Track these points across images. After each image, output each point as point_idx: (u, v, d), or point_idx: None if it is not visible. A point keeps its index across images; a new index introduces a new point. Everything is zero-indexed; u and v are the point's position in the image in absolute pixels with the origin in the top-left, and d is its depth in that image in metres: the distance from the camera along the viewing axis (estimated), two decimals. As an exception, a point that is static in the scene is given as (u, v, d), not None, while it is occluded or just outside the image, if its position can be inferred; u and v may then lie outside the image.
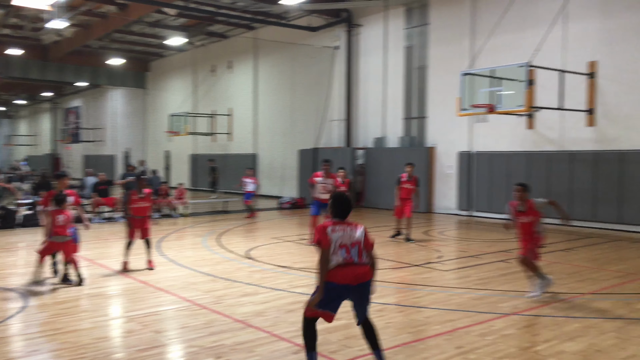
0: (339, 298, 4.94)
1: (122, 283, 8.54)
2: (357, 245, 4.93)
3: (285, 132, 25.83)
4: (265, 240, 12.93)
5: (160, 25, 25.85)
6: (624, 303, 7.34)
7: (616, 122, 14.74)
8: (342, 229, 4.97)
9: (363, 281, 4.90)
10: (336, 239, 4.90)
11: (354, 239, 4.95)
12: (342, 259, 4.84)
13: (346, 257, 4.85)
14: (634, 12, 14.33)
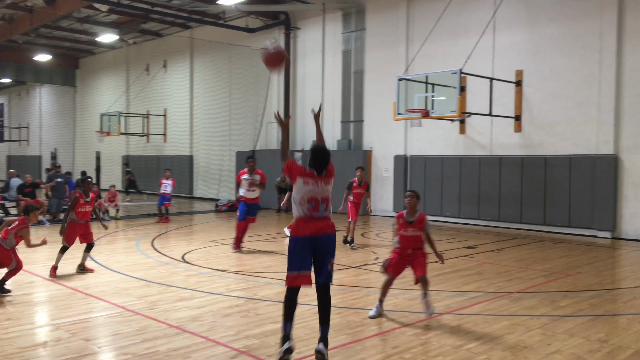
0: (305, 251, 5.04)
1: (49, 289, 8.15)
2: (326, 202, 5.13)
3: (223, 133, 25.52)
4: (202, 244, 12.71)
5: (91, 21, 24.92)
6: (549, 301, 7.71)
7: (541, 128, 15.49)
8: (315, 183, 5.11)
9: (324, 233, 5.06)
10: (306, 191, 5.06)
11: (325, 194, 5.11)
12: (308, 212, 5.02)
13: (312, 211, 5.07)
14: (556, 24, 15.12)
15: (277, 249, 12.07)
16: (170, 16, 23.10)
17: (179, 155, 27.85)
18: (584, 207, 14.59)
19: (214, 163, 26.07)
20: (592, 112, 14.50)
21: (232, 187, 24.36)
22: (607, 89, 14.15)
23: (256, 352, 5.53)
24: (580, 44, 14.67)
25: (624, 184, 14.06)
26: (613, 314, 7.15)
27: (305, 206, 5.07)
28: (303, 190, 5.10)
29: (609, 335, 6.17)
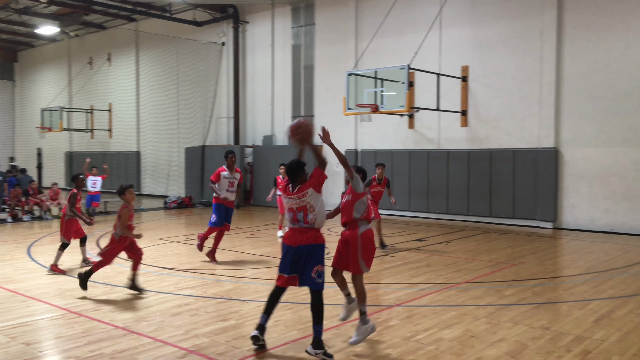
0: (285, 256, 5.40)
1: (-14, 293, 7.77)
2: (302, 210, 5.34)
3: (171, 129, 25.01)
4: (150, 242, 12.41)
5: (30, 13, 23.86)
6: (494, 290, 7.94)
7: (486, 122, 15.90)
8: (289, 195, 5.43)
9: (301, 244, 5.31)
10: (285, 202, 5.41)
11: (301, 204, 5.33)
12: (289, 222, 5.40)
13: (292, 221, 5.38)
14: (499, 22, 15.54)
15: (228, 246, 11.93)
16: (113, 8, 22.41)
17: (125, 152, 27.13)
18: (527, 199, 15.09)
19: (163, 159, 25.53)
20: (534, 107, 14.99)
21: (181, 184, 23.99)
22: (548, 85, 14.66)
23: (205, 351, 5.45)
24: (523, 41, 15.13)
25: (564, 176, 14.62)
26: (555, 302, 7.43)
27: (287, 215, 5.45)
28: (284, 200, 5.47)
29: (551, 322, 6.40)
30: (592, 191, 14.18)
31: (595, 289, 8.02)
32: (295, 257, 5.34)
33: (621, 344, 5.68)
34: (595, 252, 11.15)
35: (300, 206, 5.35)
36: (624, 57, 13.63)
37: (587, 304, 7.18)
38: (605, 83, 13.91)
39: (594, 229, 14.05)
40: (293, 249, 5.34)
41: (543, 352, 5.44)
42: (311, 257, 5.33)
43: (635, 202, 13.53)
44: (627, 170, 13.64)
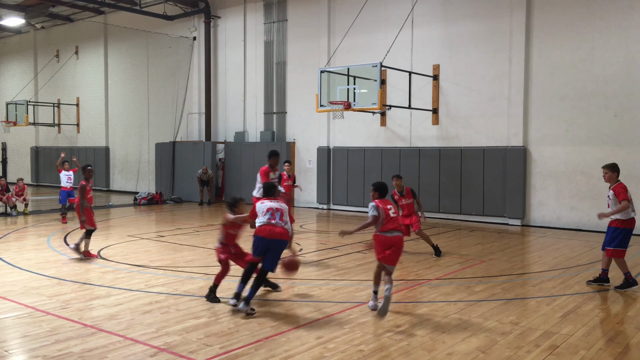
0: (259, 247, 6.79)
1: (-53, 292, 7.54)
2: (280, 211, 6.87)
3: (141, 124, 24.63)
4: (120, 239, 12.22)
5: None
6: (465, 287, 8.05)
7: (456, 121, 16.10)
8: (269, 201, 6.97)
9: (275, 238, 6.72)
10: (264, 208, 6.88)
11: (279, 207, 6.91)
12: (265, 220, 6.80)
13: (270, 218, 6.80)
14: (470, 21, 15.74)
15: (199, 242, 11.83)
16: (81, 0, 21.93)
17: (93, 147, 26.62)
18: (496, 196, 15.34)
19: (132, 155, 25.13)
20: (503, 106, 15.24)
21: (151, 180, 23.66)
22: (517, 84, 14.91)
23: (177, 349, 5.39)
24: (492, 41, 15.35)
25: (532, 174, 14.90)
26: (523, 297, 7.57)
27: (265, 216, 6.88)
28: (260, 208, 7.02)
29: (519, 318, 6.52)
30: (558, 189, 14.50)
31: (562, 285, 8.20)
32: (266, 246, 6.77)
33: (587, 338, 5.83)
34: (561, 249, 11.40)
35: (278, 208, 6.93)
36: (590, 57, 13.95)
37: (555, 300, 7.34)
38: (572, 83, 14.22)
39: (560, 226, 14.37)
40: (266, 240, 6.74)
41: (512, 347, 5.54)
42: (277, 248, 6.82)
43: (600, 199, 13.87)
44: (592, 168, 13.98)
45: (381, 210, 6.55)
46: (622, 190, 7.84)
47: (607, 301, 7.31)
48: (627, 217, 7.86)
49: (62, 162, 15.56)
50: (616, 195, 7.84)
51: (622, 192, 7.82)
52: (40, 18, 26.36)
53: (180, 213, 17.87)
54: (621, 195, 7.79)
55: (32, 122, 26.18)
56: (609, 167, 8.13)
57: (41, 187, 28.29)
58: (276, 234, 6.71)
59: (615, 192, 7.88)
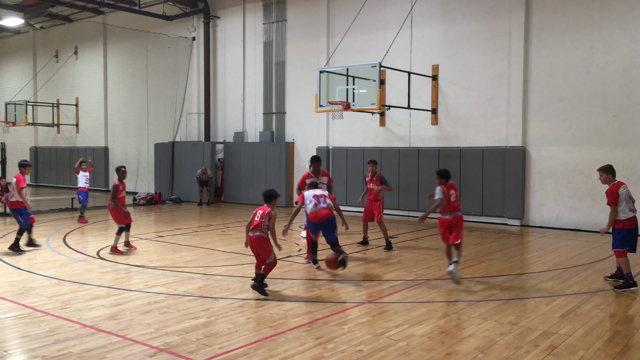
0: (315, 229, 8.84)
1: (-53, 292, 7.54)
2: (323, 197, 8.70)
3: (140, 124, 24.62)
4: (118, 239, 12.20)
5: (-7, 3, 23.19)
6: (463, 287, 8.05)
7: (455, 121, 16.11)
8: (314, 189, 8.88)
9: (328, 218, 8.59)
10: (310, 195, 8.70)
11: (322, 194, 8.77)
12: (314, 206, 8.59)
13: (317, 204, 8.60)
14: (469, 21, 15.75)
15: (198, 243, 11.83)
16: (81, 0, 21.93)
17: (93, 147, 26.61)
18: (495, 196, 15.35)
19: (132, 155, 25.12)
20: (502, 106, 15.25)
21: (150, 180, 23.66)
22: (516, 85, 14.92)
23: (176, 349, 5.39)
24: (491, 41, 15.36)
25: (531, 174, 14.91)
26: (522, 298, 7.58)
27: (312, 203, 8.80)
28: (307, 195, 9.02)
29: (518, 318, 6.53)
30: (557, 189, 14.51)
31: (562, 285, 8.21)
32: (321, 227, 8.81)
33: (586, 338, 5.84)
34: (561, 249, 11.41)
35: (321, 194, 8.86)
36: (589, 57, 13.97)
37: (554, 300, 7.34)
38: (571, 83, 14.23)
39: (559, 227, 14.38)
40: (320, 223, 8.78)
41: (511, 347, 5.54)
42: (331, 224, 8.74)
43: (598, 200, 13.88)
44: (591, 169, 13.97)
45: (445, 194, 8.05)
46: (611, 194, 7.90)
47: (606, 301, 7.32)
48: (626, 217, 7.88)
49: (80, 164, 15.33)
50: (607, 197, 7.93)
51: (609, 196, 7.89)
52: (40, 18, 26.37)
53: (180, 213, 17.87)
54: (608, 200, 7.91)
55: (31, 123, 26.19)
56: (602, 169, 8.20)
57: (40, 188, 28.28)
58: (322, 215, 8.62)
59: (606, 194, 7.95)
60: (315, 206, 8.72)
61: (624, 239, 7.91)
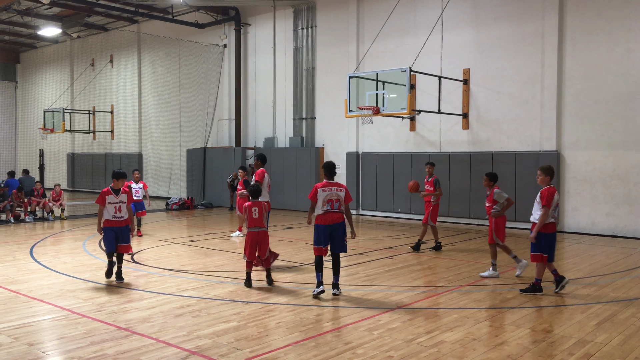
0: (325, 235, 7.63)
1: (-12, 294, 7.79)
2: (338, 201, 7.67)
3: (173, 130, 25.05)
4: (152, 243, 12.44)
5: (32, 14, 23.93)
6: (496, 293, 7.94)
7: (487, 125, 15.91)
8: (329, 189, 7.68)
9: (338, 222, 7.65)
10: (324, 196, 7.62)
11: (337, 196, 7.67)
12: (326, 209, 7.61)
13: (328, 207, 7.62)
14: (500, 25, 15.56)
15: (230, 247, 11.95)
16: (115, 10, 22.48)
17: (127, 153, 27.17)
18: (529, 202, 14.98)
19: (164, 160, 25.56)
20: (536, 110, 15.00)
21: (183, 185, 24.00)
22: (549, 88, 14.67)
23: (208, 352, 5.46)
24: (524, 44, 15.14)
25: (566, 179, 14.61)
26: (556, 305, 7.43)
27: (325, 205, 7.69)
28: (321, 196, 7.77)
29: (552, 326, 6.41)
30: (593, 194, 14.18)
31: (597, 293, 8.02)
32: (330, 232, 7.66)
33: (623, 347, 5.69)
34: (597, 256, 11.15)
35: (336, 198, 7.68)
36: (625, 60, 13.64)
37: (589, 307, 7.18)
38: (607, 86, 13.91)
39: (595, 232, 14.05)
40: (330, 226, 7.64)
41: (545, 356, 5.44)
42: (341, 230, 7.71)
43: (636, 205, 13.54)
44: (628, 173, 13.65)
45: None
46: (548, 196, 7.77)
47: (645, 309, 7.12)
48: (549, 222, 7.76)
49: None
50: (540, 198, 7.81)
51: (545, 198, 7.76)
52: (76, 28, 27.09)
53: (211, 218, 18.09)
54: (543, 201, 7.79)
55: (68, 129, 26.89)
56: (543, 169, 8.17)
57: (77, 193, 28.98)
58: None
59: (541, 196, 7.82)
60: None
61: (544, 244, 7.76)
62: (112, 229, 8.33)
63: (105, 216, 8.34)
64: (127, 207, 8.51)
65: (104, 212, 8.32)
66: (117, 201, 8.36)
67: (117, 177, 8.45)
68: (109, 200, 8.32)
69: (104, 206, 8.31)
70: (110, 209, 8.33)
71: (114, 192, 8.38)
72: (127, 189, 8.57)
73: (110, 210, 8.33)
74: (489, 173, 9.44)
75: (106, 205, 8.32)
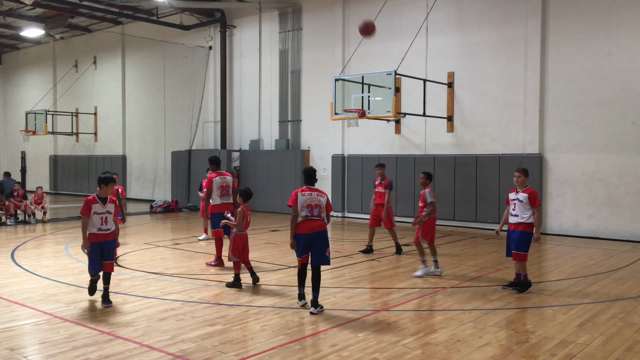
0: (305, 244, 7.01)
1: (-32, 298, 7.67)
2: (318, 207, 7.03)
3: (157, 133, 24.88)
4: (136, 246, 12.34)
5: (15, 15, 23.65)
6: (480, 295, 7.99)
7: (471, 128, 16.04)
8: (309, 193, 7.07)
9: (318, 230, 6.98)
10: (303, 200, 6.99)
11: (317, 201, 7.04)
12: (304, 214, 6.98)
13: (307, 214, 6.98)
14: (485, 29, 15.71)
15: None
16: (99, 11, 22.30)
17: (110, 155, 26.93)
18: (512, 204, 15.19)
19: (149, 163, 25.38)
20: (519, 113, 15.15)
21: (167, 188, 23.85)
22: (532, 92, 14.83)
23: (192, 356, 5.43)
24: (507, 48, 15.30)
25: (549, 182, 14.77)
26: (539, 306, 7.50)
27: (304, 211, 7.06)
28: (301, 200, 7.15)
29: (535, 327, 6.47)
30: (575, 197, 14.35)
31: (579, 294, 8.11)
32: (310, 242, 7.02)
33: (604, 348, 5.76)
34: (579, 257, 11.28)
35: (317, 204, 7.06)
36: (607, 64, 13.84)
37: (571, 309, 7.26)
38: (589, 90, 14.10)
39: (577, 234, 14.21)
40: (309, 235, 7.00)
41: (528, 356, 5.49)
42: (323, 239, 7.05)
43: (617, 207, 13.73)
44: (609, 176, 13.84)
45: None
46: (536, 197, 8.08)
47: (625, 310, 7.22)
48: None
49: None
50: (530, 200, 8.03)
51: (536, 199, 8.06)
52: (60, 29, 26.83)
53: (196, 221, 17.97)
54: (536, 202, 8.04)
55: (50, 131, 26.59)
56: (522, 171, 8.36)
57: (59, 196, 28.66)
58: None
59: (531, 197, 8.03)
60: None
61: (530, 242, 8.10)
62: (98, 244, 7.18)
63: (90, 229, 7.16)
64: (113, 219, 7.35)
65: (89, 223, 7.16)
66: (103, 211, 7.16)
67: (106, 182, 7.23)
68: (94, 210, 7.11)
69: (89, 217, 7.12)
70: (96, 221, 7.13)
71: (100, 200, 7.16)
72: (114, 198, 7.40)
73: (95, 222, 7.13)
74: (426, 172, 9.50)
75: (91, 216, 7.14)
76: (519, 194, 8.14)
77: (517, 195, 8.16)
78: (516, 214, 8.11)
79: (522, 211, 8.05)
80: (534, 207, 8.01)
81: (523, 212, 8.05)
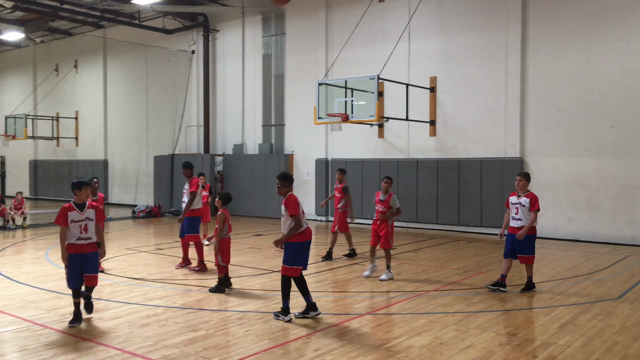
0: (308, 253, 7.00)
1: (-55, 306, 7.53)
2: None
3: (140, 137, 24.70)
4: (118, 252, 12.22)
5: (-6, 18, 23.37)
6: (463, 298, 8.05)
7: (454, 132, 16.17)
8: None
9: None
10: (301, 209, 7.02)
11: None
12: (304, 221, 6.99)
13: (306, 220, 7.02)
14: (466, 34, 15.87)
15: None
16: (80, 14, 22.10)
17: (92, 160, 26.66)
18: (494, 207, 15.35)
19: (131, 168, 25.17)
20: (500, 118, 15.32)
21: (150, 193, 23.67)
22: (513, 96, 15.00)
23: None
24: (489, 53, 15.47)
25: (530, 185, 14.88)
26: (521, 308, 7.57)
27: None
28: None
29: (517, 329, 6.53)
30: (556, 200, 14.53)
31: (560, 296, 8.21)
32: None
33: (585, 349, 5.84)
34: (559, 260, 11.42)
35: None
36: (586, 69, 14.06)
37: (552, 310, 7.35)
38: (568, 94, 14.31)
39: (558, 237, 14.39)
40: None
41: (510, 358, 5.54)
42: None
43: (597, 210, 13.92)
44: (589, 179, 14.04)
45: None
46: (537, 201, 8.34)
47: (605, 312, 7.32)
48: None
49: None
50: (531, 204, 8.25)
51: (537, 202, 8.31)
52: (40, 32, 26.52)
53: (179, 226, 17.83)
54: (536, 206, 8.27)
55: (31, 136, 26.29)
56: (524, 175, 8.63)
57: (39, 201, 28.29)
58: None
59: (532, 201, 8.26)
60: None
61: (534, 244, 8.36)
62: (78, 256, 6.58)
63: (69, 239, 6.59)
64: (95, 226, 6.73)
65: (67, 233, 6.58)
66: (82, 218, 6.59)
67: (79, 187, 6.65)
68: (71, 218, 6.54)
69: (67, 226, 6.56)
70: (74, 229, 6.55)
71: (77, 207, 6.63)
72: (94, 203, 6.85)
73: (74, 231, 6.55)
74: (390, 177, 9.59)
75: (69, 224, 6.57)
76: (521, 198, 8.31)
77: (520, 199, 8.32)
78: (519, 218, 8.28)
79: (525, 215, 8.23)
80: (532, 210, 8.19)
81: (526, 216, 8.22)
